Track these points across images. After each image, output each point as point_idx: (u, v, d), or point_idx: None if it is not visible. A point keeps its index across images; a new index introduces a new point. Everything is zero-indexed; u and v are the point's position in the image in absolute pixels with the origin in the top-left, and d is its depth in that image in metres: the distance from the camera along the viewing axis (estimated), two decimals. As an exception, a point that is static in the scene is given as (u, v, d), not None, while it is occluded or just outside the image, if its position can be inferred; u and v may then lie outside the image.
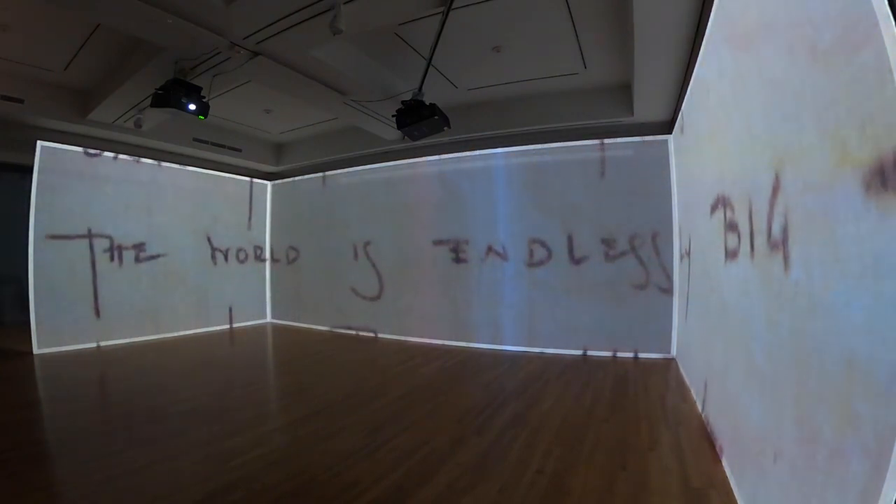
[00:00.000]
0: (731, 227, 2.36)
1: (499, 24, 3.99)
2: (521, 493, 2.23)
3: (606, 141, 5.50)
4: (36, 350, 5.31)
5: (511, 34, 4.16)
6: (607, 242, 5.44)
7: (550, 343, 5.68)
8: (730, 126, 2.38)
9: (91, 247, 5.93)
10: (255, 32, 3.65)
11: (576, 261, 5.61)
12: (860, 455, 1.01)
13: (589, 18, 3.83)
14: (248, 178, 8.21)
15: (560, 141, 5.71)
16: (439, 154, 6.47)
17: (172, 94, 4.16)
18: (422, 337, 6.55)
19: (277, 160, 8.14)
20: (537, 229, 5.82)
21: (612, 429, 3.06)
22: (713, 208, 2.88)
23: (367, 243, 7.21)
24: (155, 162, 6.74)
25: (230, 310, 7.77)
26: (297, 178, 8.25)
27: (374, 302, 7.13)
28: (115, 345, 6.00)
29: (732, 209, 2.33)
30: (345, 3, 3.22)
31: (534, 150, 5.86)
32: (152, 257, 6.62)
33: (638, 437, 2.91)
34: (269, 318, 8.47)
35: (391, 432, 3.04)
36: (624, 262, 5.36)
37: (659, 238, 5.20)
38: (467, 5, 3.54)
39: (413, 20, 3.80)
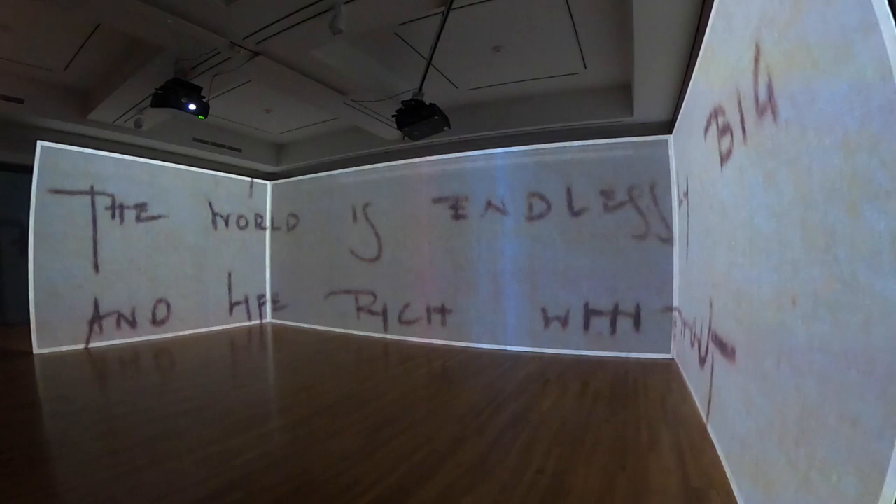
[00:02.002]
0: (724, 130, 2.45)
1: (499, 24, 3.99)
2: (521, 493, 2.23)
3: (605, 141, 5.51)
4: (36, 350, 5.32)
5: (511, 34, 4.16)
6: (606, 194, 5.45)
7: (551, 297, 5.68)
8: (715, 38, 2.55)
9: (93, 203, 5.98)
10: (255, 32, 3.65)
11: (575, 213, 5.61)
12: (883, 224, 1.01)
13: (589, 18, 3.83)
14: (248, 180, 8.23)
15: (560, 141, 5.71)
16: (439, 154, 6.48)
17: (172, 94, 4.17)
18: (421, 293, 6.59)
19: (277, 160, 8.14)
20: (536, 183, 5.83)
21: (612, 429, 3.06)
22: (706, 129, 2.96)
23: (366, 205, 7.22)
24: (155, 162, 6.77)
25: (229, 275, 7.80)
26: (297, 178, 8.27)
27: (373, 263, 7.14)
28: (111, 346, 6.01)
29: (724, 112, 2.44)
30: (345, 3, 3.22)
31: (534, 150, 5.87)
32: (153, 218, 6.66)
33: (638, 437, 2.91)
34: (269, 318, 8.48)
35: (391, 432, 3.04)
36: (623, 213, 5.38)
37: (657, 188, 5.22)
38: (467, 5, 3.54)
39: (413, 20, 3.80)
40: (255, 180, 8.33)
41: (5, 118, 5.23)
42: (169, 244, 6.84)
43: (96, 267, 5.97)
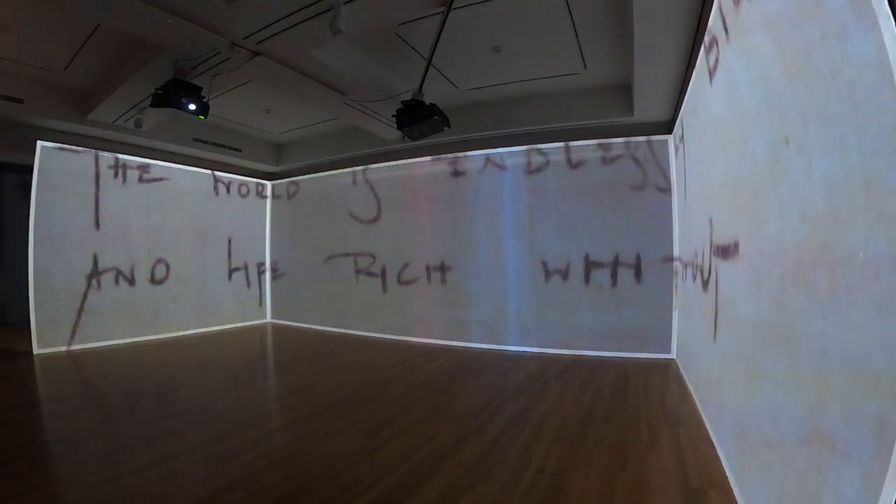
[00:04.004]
0: (710, 46, 2.68)
1: (499, 24, 3.99)
2: (521, 493, 2.23)
3: (605, 141, 5.52)
4: (36, 350, 5.32)
5: (511, 34, 4.16)
6: (604, 147, 5.50)
7: (551, 250, 5.71)
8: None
9: (96, 161, 6.05)
10: (255, 32, 3.65)
11: (573, 165, 5.65)
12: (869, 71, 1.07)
13: (589, 18, 3.83)
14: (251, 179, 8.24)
15: (560, 141, 5.72)
16: (439, 154, 6.48)
17: (172, 94, 4.16)
18: (420, 252, 6.63)
19: (277, 160, 8.14)
20: (534, 138, 5.87)
21: (612, 429, 3.06)
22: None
23: (365, 168, 7.27)
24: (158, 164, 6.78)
25: (229, 241, 7.85)
26: (297, 178, 8.28)
27: (372, 224, 7.18)
28: (112, 346, 6.01)
29: (710, 31, 2.66)
30: (345, 3, 3.22)
31: (534, 149, 5.88)
32: (155, 180, 6.74)
33: (638, 437, 2.91)
34: (269, 318, 8.48)
35: (391, 432, 3.04)
36: (621, 165, 5.41)
37: (653, 140, 5.28)
38: (467, 5, 3.54)
39: (413, 20, 3.80)
40: (257, 180, 8.36)
41: (5, 118, 5.23)
42: (170, 206, 6.93)
43: (97, 223, 6.02)
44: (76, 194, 5.82)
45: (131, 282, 6.36)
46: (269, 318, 8.48)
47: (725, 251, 2.61)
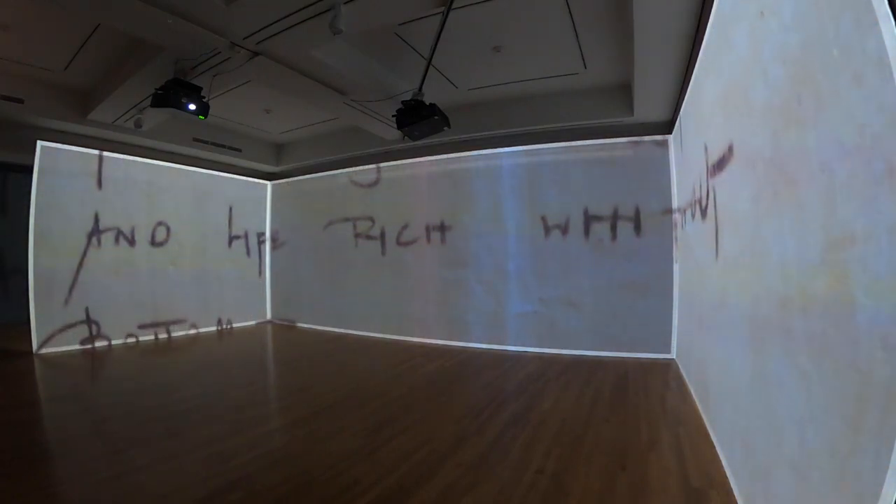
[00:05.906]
0: None
1: (499, 24, 3.99)
2: (521, 493, 2.23)
3: (606, 141, 5.53)
4: (36, 350, 5.32)
5: (511, 34, 4.16)
6: None
7: (550, 205, 5.76)
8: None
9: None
10: (255, 32, 3.65)
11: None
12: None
13: (589, 18, 3.83)
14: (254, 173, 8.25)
15: (560, 141, 5.73)
16: (439, 154, 6.48)
17: (172, 94, 4.17)
18: (419, 213, 6.66)
19: (277, 160, 8.15)
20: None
21: (612, 429, 3.06)
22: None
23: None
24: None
25: (230, 209, 7.93)
26: (297, 178, 8.28)
27: (371, 188, 7.24)
28: (112, 346, 6.01)
29: None
30: (345, 3, 3.22)
31: (533, 149, 5.89)
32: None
33: (638, 437, 2.91)
34: (268, 318, 8.48)
35: (391, 432, 3.04)
36: None
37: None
38: (467, 5, 3.54)
39: (413, 20, 3.80)
40: (257, 180, 8.37)
41: (5, 118, 5.23)
42: (172, 171, 7.01)
43: (99, 183, 6.07)
44: (78, 154, 5.88)
45: (131, 242, 6.42)
46: (268, 318, 8.49)
47: (721, 163, 2.61)
